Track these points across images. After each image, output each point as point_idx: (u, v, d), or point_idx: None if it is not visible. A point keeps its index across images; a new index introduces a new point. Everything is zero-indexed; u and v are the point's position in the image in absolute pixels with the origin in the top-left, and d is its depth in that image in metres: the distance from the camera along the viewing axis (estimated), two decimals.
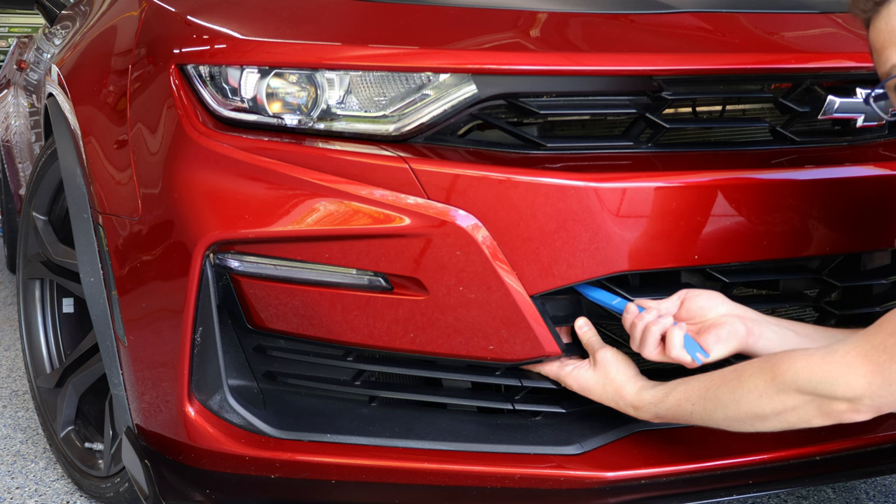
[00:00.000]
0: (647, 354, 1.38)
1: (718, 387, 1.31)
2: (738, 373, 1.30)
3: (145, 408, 1.58)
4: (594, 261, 1.39)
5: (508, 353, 1.42)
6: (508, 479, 1.44)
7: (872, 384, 1.18)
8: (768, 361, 1.27)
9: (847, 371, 1.19)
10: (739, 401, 1.28)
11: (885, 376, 1.17)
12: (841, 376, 1.19)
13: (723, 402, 1.30)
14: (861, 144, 1.56)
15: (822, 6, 1.77)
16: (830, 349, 1.22)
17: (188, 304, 1.45)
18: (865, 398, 1.19)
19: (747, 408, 1.28)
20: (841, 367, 1.20)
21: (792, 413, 1.25)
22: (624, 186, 1.38)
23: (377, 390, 1.53)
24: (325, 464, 1.48)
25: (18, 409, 2.52)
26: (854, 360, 1.19)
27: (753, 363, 1.30)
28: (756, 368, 1.28)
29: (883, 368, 1.17)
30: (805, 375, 1.22)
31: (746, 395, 1.27)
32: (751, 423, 1.30)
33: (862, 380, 1.18)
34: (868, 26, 1.24)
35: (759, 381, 1.26)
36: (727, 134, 1.60)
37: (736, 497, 1.53)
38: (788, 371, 1.23)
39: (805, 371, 1.22)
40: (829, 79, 1.51)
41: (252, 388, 1.53)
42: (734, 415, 1.30)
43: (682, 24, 1.63)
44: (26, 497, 2.07)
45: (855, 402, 1.20)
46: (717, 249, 1.44)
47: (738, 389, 1.28)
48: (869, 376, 1.18)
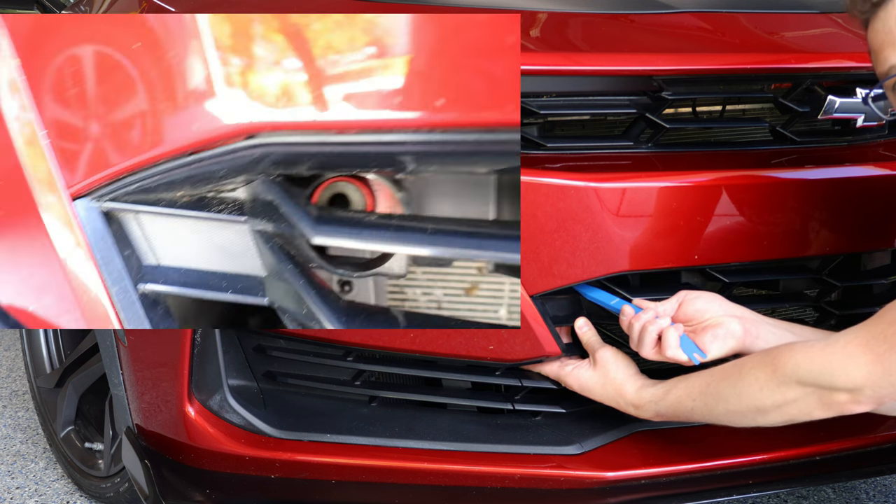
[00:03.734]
0: (645, 354, 1.38)
1: (719, 381, 1.31)
2: (738, 367, 1.30)
3: (145, 408, 1.58)
4: (594, 261, 1.39)
5: (508, 354, 1.42)
6: (508, 479, 1.45)
7: (873, 374, 1.18)
8: (769, 354, 1.27)
9: (847, 361, 1.19)
10: (741, 394, 1.28)
11: (885, 366, 1.17)
12: (841, 367, 1.19)
13: (724, 397, 1.30)
14: (861, 144, 1.56)
15: (822, 6, 1.77)
16: (830, 340, 1.22)
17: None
18: (866, 388, 1.19)
19: (748, 401, 1.28)
20: (841, 357, 1.20)
21: (793, 405, 1.25)
22: (624, 186, 1.38)
23: (377, 390, 1.53)
24: (325, 464, 1.48)
25: (18, 409, 2.52)
26: (854, 351, 1.19)
27: (754, 357, 1.30)
28: (756, 361, 1.28)
29: (883, 358, 1.16)
30: (805, 367, 1.22)
31: (747, 389, 1.27)
32: (752, 416, 1.30)
33: (862, 370, 1.18)
34: (866, 27, 1.24)
35: (760, 374, 1.26)
36: (727, 134, 1.60)
37: (736, 497, 1.53)
38: (789, 363, 1.24)
39: (805, 362, 1.22)
40: (829, 79, 1.51)
41: (252, 388, 1.53)
42: (735, 409, 1.30)
43: (682, 24, 1.63)
44: (26, 497, 2.07)
45: (856, 393, 1.20)
46: (717, 249, 1.44)
47: (739, 383, 1.28)
48: (869, 366, 1.18)
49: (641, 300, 1.42)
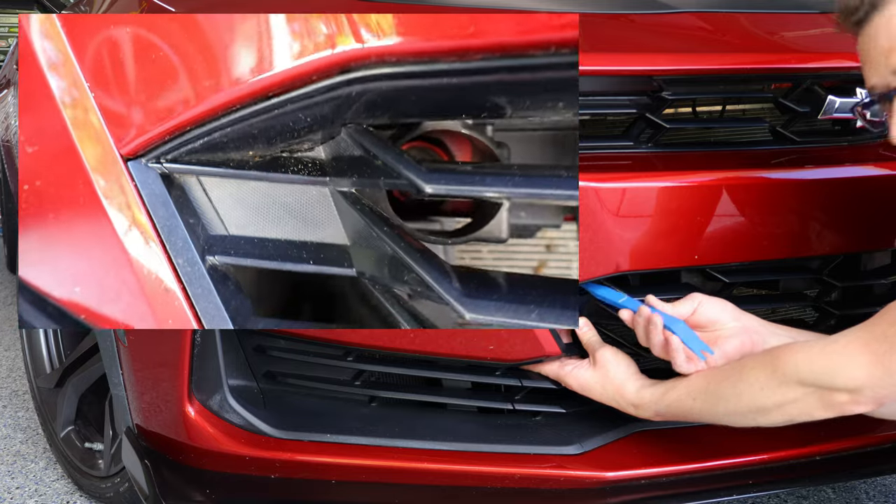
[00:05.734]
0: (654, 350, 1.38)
1: (720, 381, 1.31)
2: (739, 367, 1.30)
3: (145, 408, 1.58)
4: (594, 261, 1.39)
5: (508, 354, 1.42)
6: (508, 479, 1.45)
7: (873, 375, 1.18)
8: (769, 354, 1.28)
9: (847, 361, 1.19)
10: (741, 394, 1.28)
11: (885, 366, 1.17)
12: (841, 367, 1.20)
13: (724, 396, 1.30)
14: (861, 144, 1.56)
15: (822, 6, 1.78)
16: (831, 340, 1.23)
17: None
18: (866, 389, 1.19)
19: (749, 401, 1.28)
20: (842, 357, 1.20)
21: (793, 405, 1.25)
22: (624, 186, 1.38)
23: (377, 390, 1.53)
24: (325, 464, 1.48)
25: (18, 409, 2.52)
26: (854, 351, 1.19)
27: (755, 357, 1.31)
28: (757, 362, 1.28)
29: (884, 359, 1.17)
30: (806, 367, 1.22)
31: (748, 389, 1.27)
32: (752, 416, 1.30)
33: (863, 370, 1.18)
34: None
35: (761, 374, 1.26)
36: (727, 134, 1.60)
37: (736, 497, 1.53)
38: (789, 363, 1.24)
39: (806, 362, 1.23)
40: (829, 79, 1.51)
41: (252, 388, 1.53)
42: (735, 408, 1.30)
43: (682, 24, 1.63)
44: (26, 497, 2.07)
45: (856, 393, 1.20)
46: (718, 249, 1.44)
47: (740, 383, 1.28)
48: (869, 367, 1.18)
49: (655, 300, 1.40)
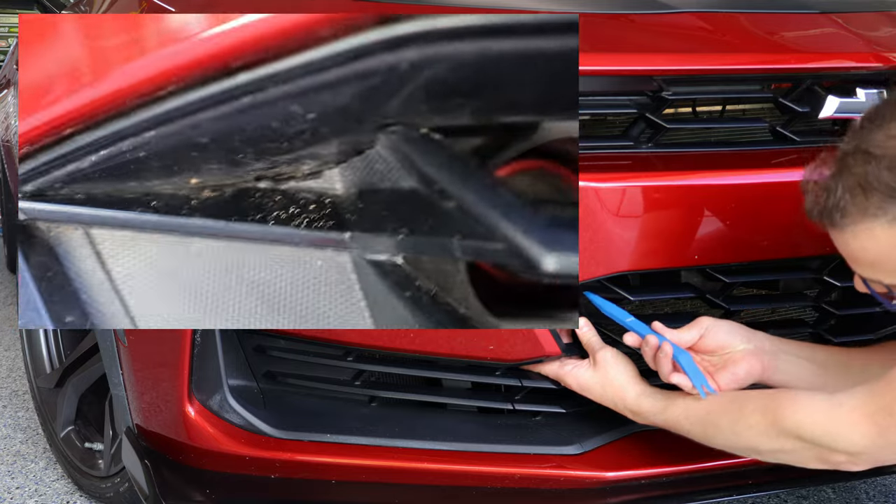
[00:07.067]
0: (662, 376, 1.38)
1: (719, 415, 1.32)
2: (739, 405, 1.30)
3: (145, 408, 1.58)
4: (594, 261, 1.39)
5: (508, 354, 1.42)
6: (508, 479, 1.44)
7: (875, 444, 1.19)
8: (773, 401, 1.27)
9: (851, 429, 1.20)
10: (739, 434, 1.29)
11: (887, 438, 1.18)
12: (844, 433, 1.21)
13: (721, 430, 1.31)
14: None
15: (822, 6, 1.77)
16: (835, 402, 1.22)
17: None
18: (865, 455, 1.21)
19: (745, 442, 1.30)
20: (845, 424, 1.20)
21: (790, 454, 1.27)
22: (624, 186, 1.38)
23: (377, 390, 1.53)
24: (325, 464, 1.48)
25: (18, 409, 2.52)
26: (859, 420, 1.19)
27: (756, 399, 1.30)
28: (759, 405, 1.28)
29: (887, 432, 1.18)
30: (808, 426, 1.23)
31: (746, 431, 1.28)
32: (747, 453, 1.33)
33: (865, 439, 1.19)
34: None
35: (761, 420, 1.27)
36: (727, 134, 1.60)
37: (736, 497, 1.53)
38: (791, 418, 1.24)
39: (808, 422, 1.23)
40: (829, 79, 1.51)
41: (252, 388, 1.53)
42: (733, 444, 1.32)
43: (682, 24, 1.63)
44: (26, 497, 2.07)
45: (854, 457, 1.22)
46: (717, 249, 1.44)
47: (739, 423, 1.29)
48: (872, 436, 1.19)
49: (662, 326, 1.39)
